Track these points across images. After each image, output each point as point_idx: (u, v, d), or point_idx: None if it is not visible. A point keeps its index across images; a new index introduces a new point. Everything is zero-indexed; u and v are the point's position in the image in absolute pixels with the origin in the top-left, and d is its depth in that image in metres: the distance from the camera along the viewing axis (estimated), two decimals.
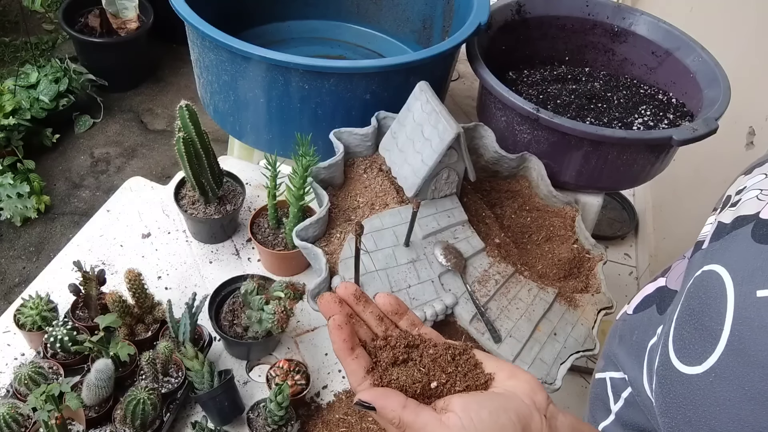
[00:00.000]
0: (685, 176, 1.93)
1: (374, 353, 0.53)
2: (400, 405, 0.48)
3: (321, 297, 0.53)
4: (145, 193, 1.29)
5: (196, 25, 1.08)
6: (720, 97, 1.15)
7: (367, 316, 0.54)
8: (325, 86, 1.10)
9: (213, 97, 1.24)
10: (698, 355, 0.48)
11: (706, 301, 0.49)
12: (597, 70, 1.41)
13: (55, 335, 0.95)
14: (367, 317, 0.54)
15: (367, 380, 0.50)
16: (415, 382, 0.50)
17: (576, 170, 1.18)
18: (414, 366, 0.52)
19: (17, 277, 2.23)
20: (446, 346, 0.53)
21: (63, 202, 2.48)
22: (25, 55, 2.95)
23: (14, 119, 2.37)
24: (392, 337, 0.53)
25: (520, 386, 0.50)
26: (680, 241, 1.93)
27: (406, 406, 0.48)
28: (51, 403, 0.83)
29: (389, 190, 1.07)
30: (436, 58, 1.12)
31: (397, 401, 0.48)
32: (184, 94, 2.93)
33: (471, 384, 0.51)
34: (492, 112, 1.22)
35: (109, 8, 2.73)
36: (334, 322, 0.51)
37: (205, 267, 1.18)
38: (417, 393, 0.50)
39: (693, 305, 0.51)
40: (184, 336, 0.96)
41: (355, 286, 0.55)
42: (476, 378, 0.52)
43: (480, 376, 0.52)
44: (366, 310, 0.54)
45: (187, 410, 0.98)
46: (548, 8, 1.37)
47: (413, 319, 0.56)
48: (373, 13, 1.52)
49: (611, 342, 0.77)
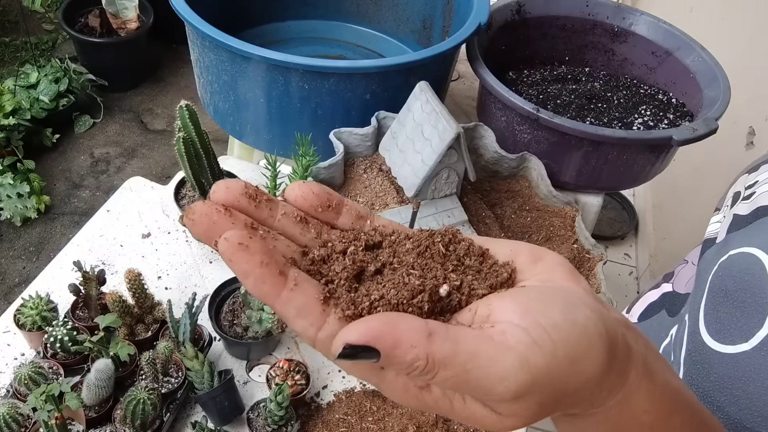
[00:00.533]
0: (685, 176, 1.93)
1: (316, 272, 0.32)
2: (421, 333, 0.29)
3: (190, 210, 0.31)
4: (145, 193, 1.29)
5: (196, 25, 1.08)
6: (720, 97, 1.15)
7: (280, 223, 0.34)
8: (325, 86, 1.10)
9: (213, 97, 1.24)
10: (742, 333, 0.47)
11: (745, 280, 0.49)
12: (597, 70, 1.41)
13: (55, 335, 0.95)
14: (281, 225, 0.34)
15: (330, 315, 0.31)
16: (415, 293, 0.31)
17: (576, 170, 1.18)
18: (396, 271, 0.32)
19: (17, 277, 2.23)
20: (427, 234, 0.34)
21: (63, 202, 2.48)
22: (25, 55, 2.94)
23: (14, 119, 2.37)
24: (336, 240, 0.34)
25: (557, 272, 0.34)
26: (680, 241, 1.93)
27: (433, 333, 0.29)
28: (51, 403, 0.83)
29: (389, 190, 1.07)
30: (436, 58, 1.12)
31: (413, 328, 0.29)
32: (184, 94, 2.93)
33: (494, 282, 0.33)
34: (492, 112, 1.22)
35: (109, 8, 2.73)
36: (229, 242, 0.30)
37: (205, 267, 1.18)
38: (423, 312, 0.31)
39: (727, 286, 0.50)
40: (184, 336, 0.96)
41: (242, 181, 0.34)
42: (496, 273, 0.33)
43: (498, 269, 0.33)
44: (274, 214, 0.34)
45: (187, 410, 0.98)
46: (548, 8, 1.37)
47: (356, 209, 0.36)
48: (373, 13, 1.52)
49: None
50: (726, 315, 0.50)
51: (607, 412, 0.33)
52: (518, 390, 0.29)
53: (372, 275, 0.33)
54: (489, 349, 0.29)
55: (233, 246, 0.30)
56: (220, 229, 0.31)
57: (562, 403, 0.31)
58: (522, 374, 0.29)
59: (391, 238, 0.35)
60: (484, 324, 0.31)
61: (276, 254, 0.31)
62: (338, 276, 0.32)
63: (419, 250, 0.33)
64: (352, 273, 0.32)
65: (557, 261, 0.35)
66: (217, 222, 0.31)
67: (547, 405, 0.31)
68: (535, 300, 0.31)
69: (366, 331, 0.28)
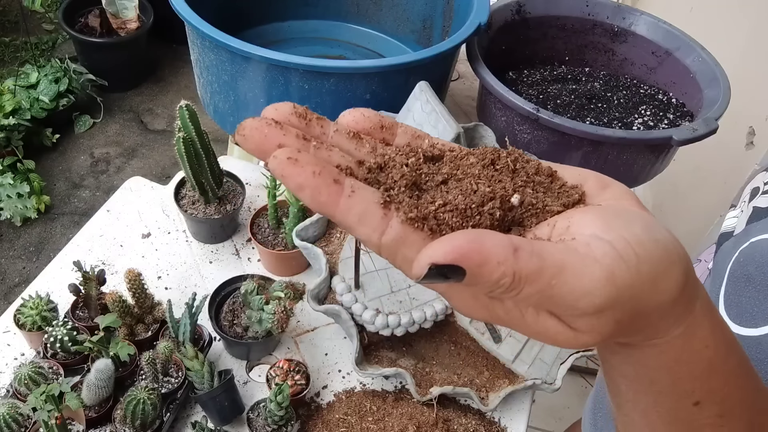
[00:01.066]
0: (685, 176, 1.93)
1: (374, 180, 0.31)
2: (507, 249, 0.27)
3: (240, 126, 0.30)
4: (145, 193, 1.29)
5: (196, 25, 1.08)
6: (720, 97, 1.15)
7: (333, 140, 0.33)
8: (325, 86, 1.10)
9: (213, 97, 1.24)
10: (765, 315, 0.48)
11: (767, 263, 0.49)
12: (597, 70, 1.41)
13: (55, 335, 0.95)
14: (334, 141, 0.33)
15: (393, 219, 0.29)
16: (485, 200, 0.29)
17: None
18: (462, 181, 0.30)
19: (17, 277, 2.23)
20: (492, 149, 0.32)
21: (63, 202, 2.48)
22: (25, 55, 2.94)
23: (14, 119, 2.37)
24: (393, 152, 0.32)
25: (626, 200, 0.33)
26: (680, 241, 1.93)
27: (519, 248, 0.27)
28: (51, 403, 0.83)
29: None
30: (436, 58, 1.12)
31: (499, 244, 0.27)
32: (184, 94, 2.93)
33: (566, 202, 0.32)
34: (492, 112, 1.22)
35: (109, 8, 2.73)
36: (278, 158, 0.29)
37: (205, 267, 1.18)
38: (495, 220, 0.29)
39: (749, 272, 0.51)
40: (184, 336, 0.96)
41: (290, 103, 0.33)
42: (567, 192, 0.33)
43: (568, 189, 0.33)
44: (326, 131, 0.33)
45: (187, 410, 0.98)
46: (548, 8, 1.37)
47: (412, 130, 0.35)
48: (373, 13, 1.52)
49: None
50: (748, 299, 0.50)
51: (670, 343, 0.32)
52: (602, 304, 0.28)
53: (435, 186, 0.31)
54: (576, 262, 0.28)
55: (283, 162, 0.28)
56: (272, 142, 0.30)
57: (637, 324, 0.31)
58: (608, 288, 0.28)
59: (452, 153, 0.33)
60: (565, 237, 0.30)
61: (329, 164, 0.30)
62: (397, 184, 0.30)
63: (484, 163, 0.31)
64: (412, 180, 0.30)
65: (624, 189, 0.34)
66: (268, 135, 0.30)
67: (624, 323, 0.30)
68: (616, 216, 0.30)
69: (452, 249, 0.26)
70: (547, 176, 0.33)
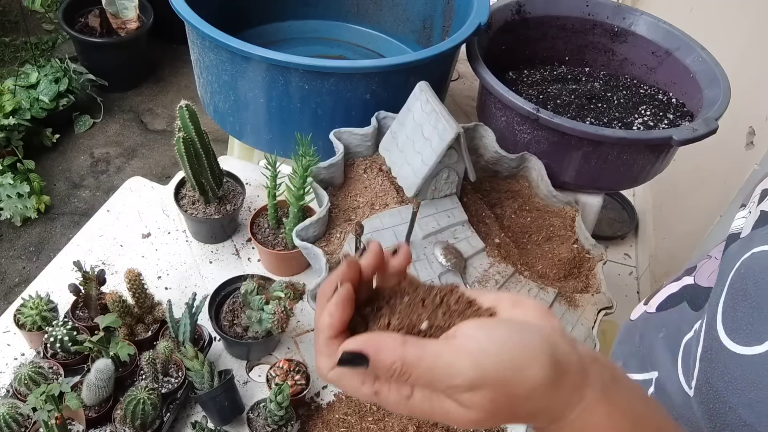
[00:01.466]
0: (685, 176, 1.93)
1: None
2: (397, 342, 0.39)
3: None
4: (145, 193, 1.29)
5: (196, 25, 1.08)
6: (720, 97, 1.15)
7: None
8: (325, 86, 1.10)
9: (213, 97, 1.24)
10: (758, 335, 0.47)
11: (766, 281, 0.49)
12: (597, 70, 1.41)
13: (55, 335, 0.95)
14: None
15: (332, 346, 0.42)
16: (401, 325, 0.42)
17: (576, 170, 1.18)
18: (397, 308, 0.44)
19: (17, 277, 2.23)
20: (427, 288, 0.45)
21: (63, 202, 2.48)
22: (25, 55, 2.95)
23: (14, 119, 2.37)
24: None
25: (530, 313, 0.42)
26: (680, 241, 1.93)
27: (406, 342, 0.39)
28: (51, 403, 0.83)
29: (389, 190, 1.07)
30: (436, 58, 1.12)
31: (392, 338, 0.39)
32: (184, 94, 2.93)
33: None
34: (492, 112, 1.22)
35: (109, 8, 2.73)
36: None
37: (205, 267, 1.18)
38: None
39: (747, 287, 0.50)
40: (184, 336, 0.96)
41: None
42: (477, 313, 0.43)
43: (482, 311, 0.43)
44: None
45: (187, 410, 0.99)
46: (548, 8, 1.37)
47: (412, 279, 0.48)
48: (373, 13, 1.52)
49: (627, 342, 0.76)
50: (743, 315, 0.49)
51: (570, 426, 0.40)
52: (472, 382, 0.38)
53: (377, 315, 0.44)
54: (448, 352, 0.38)
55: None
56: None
57: (520, 408, 0.39)
58: (474, 369, 0.38)
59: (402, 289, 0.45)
60: (449, 338, 0.40)
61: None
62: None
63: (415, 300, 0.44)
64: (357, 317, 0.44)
65: (534, 306, 0.43)
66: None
67: (501, 402, 0.38)
68: (494, 323, 0.41)
69: (360, 341, 0.39)
70: (467, 304, 0.43)
